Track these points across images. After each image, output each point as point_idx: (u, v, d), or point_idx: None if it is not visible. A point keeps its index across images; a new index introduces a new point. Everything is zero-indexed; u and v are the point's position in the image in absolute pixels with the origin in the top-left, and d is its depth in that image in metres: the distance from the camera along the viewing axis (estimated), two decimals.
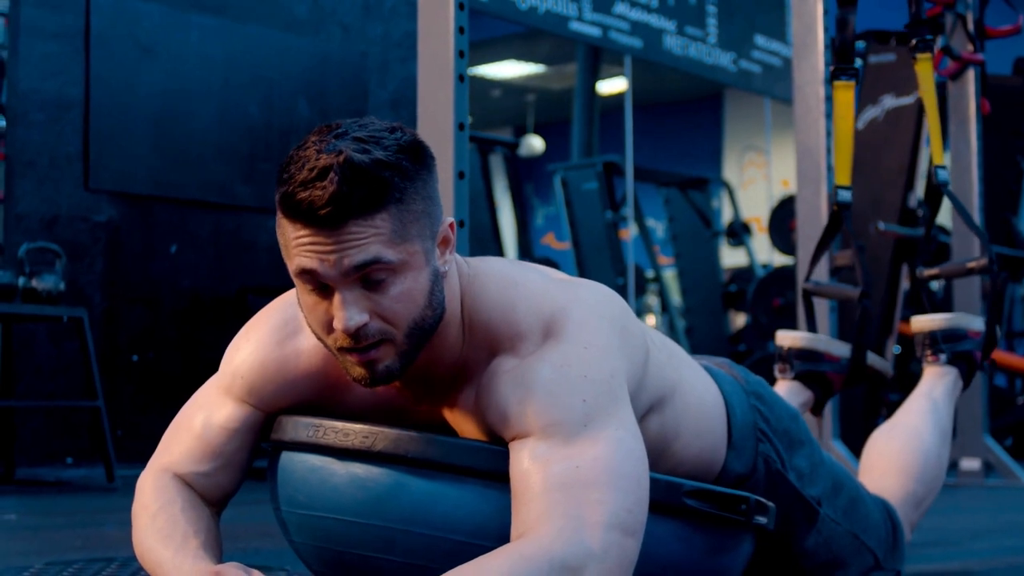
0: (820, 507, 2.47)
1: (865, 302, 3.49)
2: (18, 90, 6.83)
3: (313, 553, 2.13)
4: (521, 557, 1.72)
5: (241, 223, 7.87)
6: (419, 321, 1.86)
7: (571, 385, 1.86)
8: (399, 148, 1.81)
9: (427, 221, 1.85)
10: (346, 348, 1.86)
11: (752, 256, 11.18)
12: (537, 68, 15.88)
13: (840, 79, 3.72)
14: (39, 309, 6.13)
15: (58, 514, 4.85)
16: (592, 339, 1.91)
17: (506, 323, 1.93)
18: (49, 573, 2.73)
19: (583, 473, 1.79)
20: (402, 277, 1.82)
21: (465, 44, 3.96)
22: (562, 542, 1.74)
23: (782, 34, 9.76)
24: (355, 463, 1.99)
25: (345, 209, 1.76)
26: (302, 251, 1.80)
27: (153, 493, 2.09)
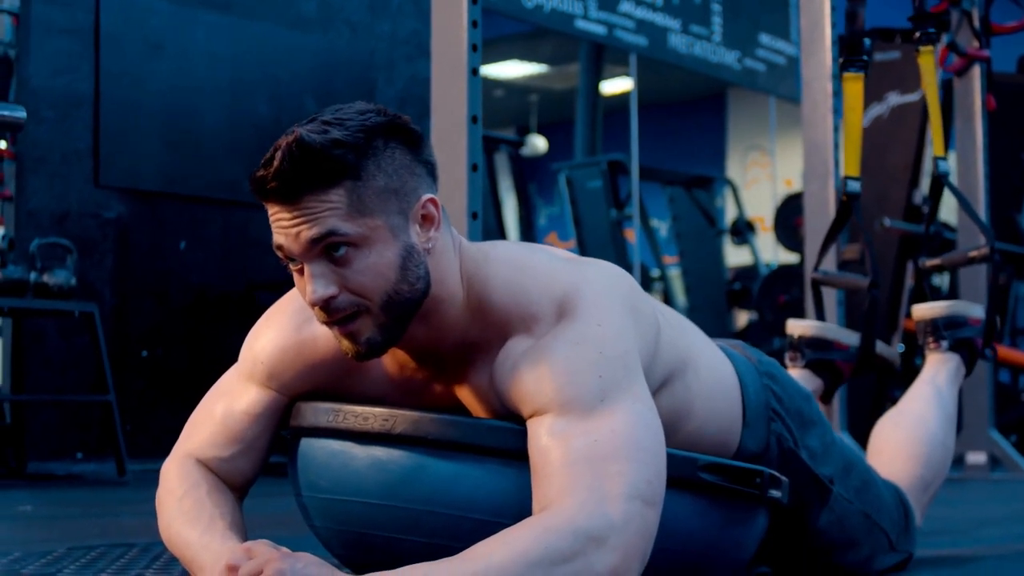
0: (832, 486, 2.50)
1: (874, 291, 3.51)
2: (29, 87, 6.87)
3: (335, 537, 2.16)
4: (545, 529, 1.76)
5: (249, 220, 7.90)
6: (393, 295, 1.90)
7: (587, 362, 1.89)
8: (361, 128, 1.88)
9: (393, 198, 1.90)
10: (326, 322, 1.93)
11: (756, 254, 11.20)
12: (540, 68, 15.89)
13: (849, 71, 3.75)
14: (50, 304, 6.16)
15: (73, 505, 4.88)
16: (604, 317, 1.94)
17: (518, 305, 1.97)
18: (72, 558, 2.77)
19: (602, 446, 1.83)
20: (366, 251, 1.88)
21: (478, 38, 4.00)
22: (584, 513, 1.77)
23: (787, 33, 9.79)
24: (375, 446, 2.02)
25: (293, 184, 1.85)
26: (274, 228, 1.90)
27: (178, 478, 2.14)
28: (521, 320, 1.96)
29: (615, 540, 1.77)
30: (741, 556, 2.23)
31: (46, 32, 7.09)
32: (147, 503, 4.87)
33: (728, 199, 12.93)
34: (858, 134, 3.73)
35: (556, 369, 1.90)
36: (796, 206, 9.33)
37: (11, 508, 4.68)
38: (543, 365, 1.91)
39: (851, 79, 3.75)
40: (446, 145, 3.92)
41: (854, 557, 2.60)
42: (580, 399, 1.87)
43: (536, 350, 1.93)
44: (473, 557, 1.75)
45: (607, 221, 10.32)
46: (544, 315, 1.95)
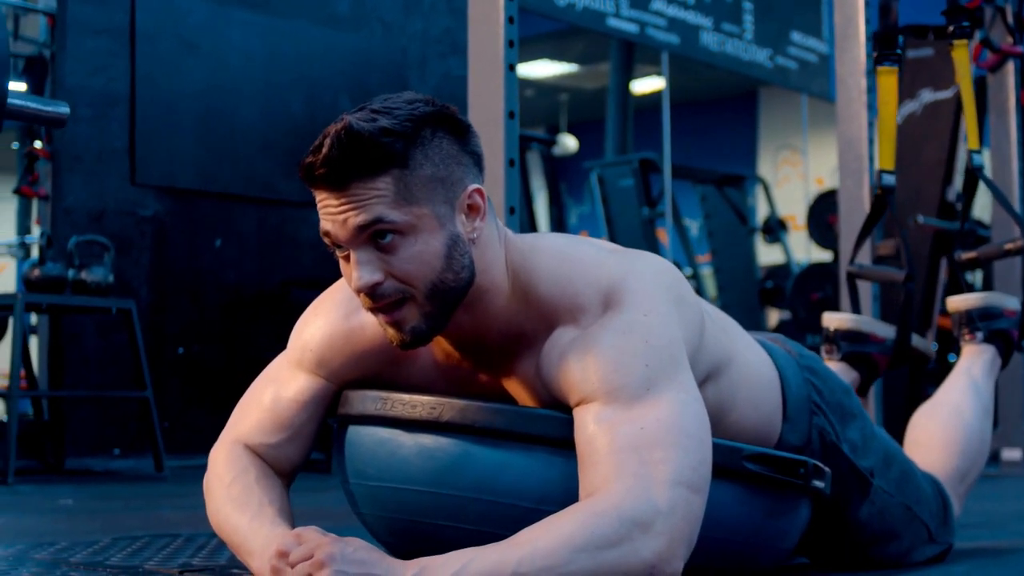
0: (873, 478, 2.51)
1: (909, 284, 3.51)
2: (65, 86, 6.91)
3: (382, 524, 2.18)
4: (591, 514, 1.78)
5: (284, 218, 7.94)
6: (438, 283, 1.93)
7: (633, 351, 1.91)
8: (409, 117, 1.90)
9: (440, 187, 1.92)
10: (372, 309, 1.96)
11: (788, 252, 11.18)
12: (570, 68, 15.90)
13: (884, 65, 3.75)
14: (88, 301, 6.20)
15: (114, 499, 4.92)
16: (651, 307, 1.96)
17: (564, 296, 1.99)
18: (118, 547, 2.80)
19: (648, 434, 1.85)
20: (412, 239, 1.91)
21: (515, 34, 4.02)
22: (631, 499, 1.79)
23: (818, 31, 9.77)
24: (423, 434, 2.04)
25: (341, 171, 1.87)
26: (321, 214, 1.92)
27: (227, 464, 2.16)
28: (567, 310, 1.98)
29: (660, 526, 1.79)
30: (784, 546, 2.25)
31: (82, 32, 7.13)
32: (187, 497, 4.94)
33: (760, 197, 12.92)
34: (893, 128, 3.73)
35: (603, 358, 1.92)
36: (829, 203, 9.32)
37: (53, 502, 4.72)
38: (590, 354, 1.93)
39: (885, 73, 3.75)
40: (483, 141, 3.92)
41: (894, 549, 2.60)
42: (626, 388, 1.89)
43: (583, 340, 1.95)
44: (520, 542, 1.77)
45: (639, 219, 10.31)
46: (590, 305, 1.97)
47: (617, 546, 1.77)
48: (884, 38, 3.76)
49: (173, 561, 2.54)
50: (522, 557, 1.74)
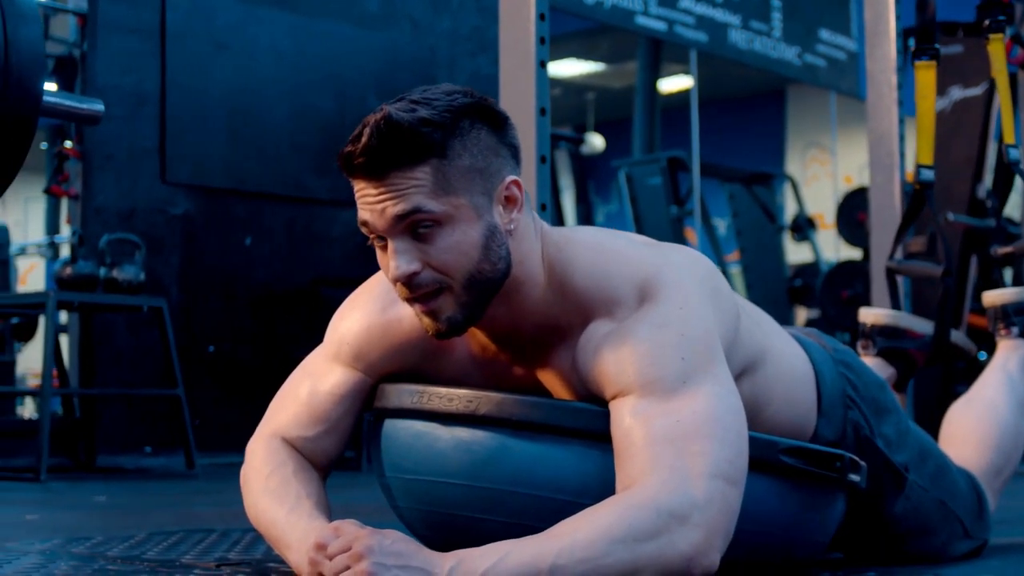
0: (908, 473, 2.50)
1: (948, 279, 3.50)
2: (96, 85, 6.94)
3: (419, 517, 2.18)
4: (628, 507, 1.79)
5: (314, 216, 7.95)
6: (475, 274, 1.94)
7: (669, 343, 1.92)
8: (448, 108, 1.91)
9: (478, 178, 1.93)
10: (408, 299, 1.96)
11: (817, 250, 11.16)
12: (597, 66, 15.89)
13: (921, 59, 3.74)
14: (119, 299, 6.23)
15: (147, 495, 4.94)
16: (686, 300, 1.96)
17: (600, 289, 1.99)
18: (153, 542, 2.81)
19: (684, 426, 1.86)
20: (449, 229, 1.91)
21: (546, 31, 4.01)
22: (667, 491, 1.80)
23: (847, 28, 9.76)
24: (459, 427, 2.05)
25: (380, 161, 1.88)
26: (359, 204, 1.93)
27: (264, 457, 2.18)
28: (603, 304, 1.99)
29: (697, 518, 1.80)
30: (820, 540, 2.25)
31: (113, 31, 7.16)
32: (219, 494, 4.96)
33: (788, 196, 12.90)
34: (931, 123, 3.72)
35: (638, 351, 1.92)
36: (859, 201, 9.29)
37: (86, 498, 4.74)
38: (625, 347, 1.93)
39: (923, 67, 3.73)
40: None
41: (929, 544, 2.59)
42: (662, 380, 1.90)
43: (618, 333, 1.95)
44: (558, 534, 1.78)
45: (667, 218, 10.30)
46: (626, 299, 1.97)
47: (655, 538, 1.77)
48: (922, 32, 3.75)
49: (209, 555, 2.54)
50: (560, 549, 1.75)
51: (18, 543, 2.83)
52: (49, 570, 2.31)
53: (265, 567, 2.34)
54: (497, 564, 1.75)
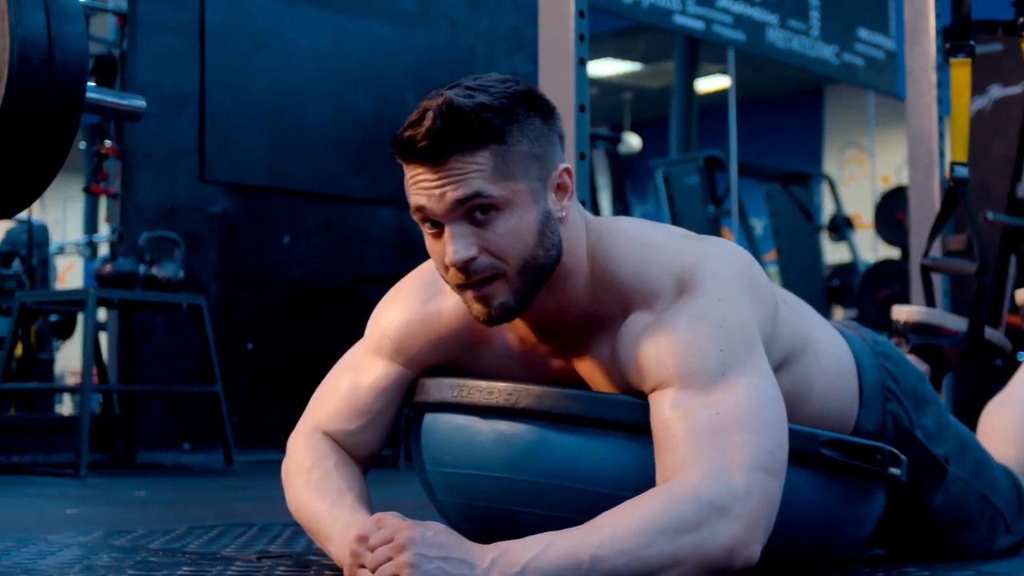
0: (948, 465, 2.49)
1: (982, 276, 3.49)
2: (136, 83, 6.97)
3: (459, 511, 2.19)
4: (669, 498, 1.79)
5: (352, 214, 7.97)
6: (530, 259, 1.94)
7: (707, 335, 1.92)
8: (505, 94, 1.92)
9: (535, 164, 1.94)
10: (461, 285, 1.96)
11: (855, 250, 11.12)
12: (634, 66, 15.88)
13: (957, 56, 3.72)
14: (158, 296, 6.25)
15: (186, 491, 4.96)
16: (724, 292, 1.97)
17: (639, 280, 2.01)
18: (194, 535, 2.82)
19: (724, 418, 1.86)
20: (507, 214, 1.92)
21: (585, 28, 4.01)
22: (708, 483, 1.80)
23: (885, 27, 9.73)
24: (500, 420, 2.06)
25: (442, 144, 1.88)
26: (414, 189, 1.93)
27: (306, 450, 2.19)
28: (642, 295, 2.00)
29: (738, 509, 1.80)
30: (860, 534, 2.24)
31: (153, 30, 7.19)
32: (258, 490, 4.98)
33: (825, 195, 12.86)
34: (965, 120, 3.71)
35: (678, 343, 1.93)
36: (898, 200, 9.26)
37: (126, 494, 4.76)
38: (664, 339, 1.94)
39: (958, 65, 3.73)
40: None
41: (970, 537, 2.58)
42: (702, 372, 1.90)
43: (657, 325, 1.96)
44: (599, 526, 1.78)
45: (704, 217, 10.28)
46: (665, 291, 1.98)
47: (696, 530, 1.78)
48: (957, 30, 3.74)
49: (250, 548, 2.55)
50: (601, 540, 1.76)
51: (60, 535, 2.84)
52: (91, 561, 2.33)
53: (306, 560, 2.34)
54: (538, 556, 1.75)
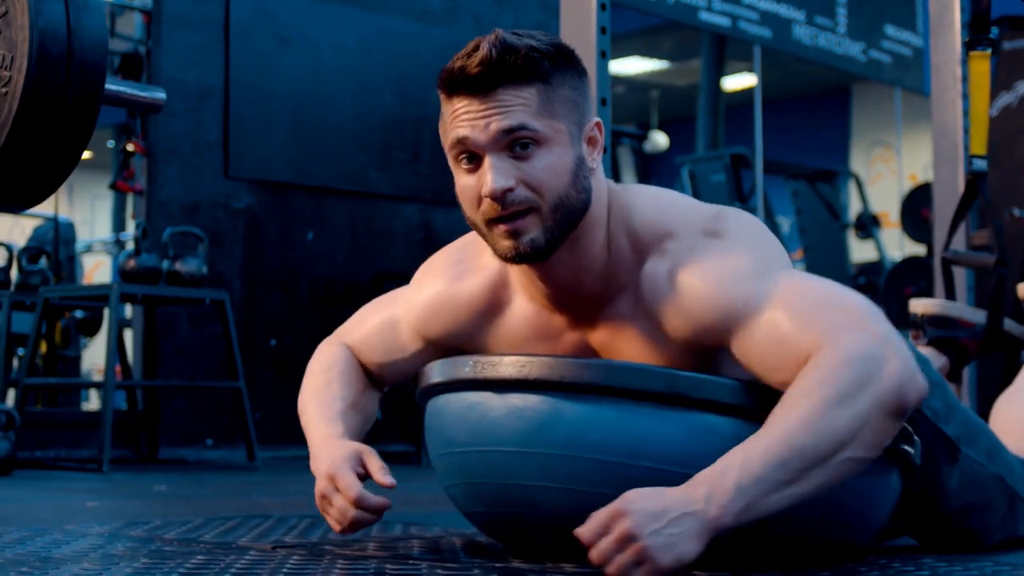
0: (960, 445, 2.48)
1: (1001, 269, 3.49)
2: (161, 80, 6.98)
3: (471, 492, 2.18)
4: (825, 372, 1.87)
5: (376, 210, 7.97)
6: (564, 198, 2.00)
7: (748, 255, 2.02)
8: (551, 44, 2.01)
9: (575, 109, 2.03)
10: (494, 218, 2.01)
11: (881, 248, 11.09)
12: (661, 64, 15.87)
13: (976, 49, 3.72)
14: (182, 292, 6.27)
15: (207, 485, 4.97)
16: (750, 231, 2.06)
17: (657, 226, 2.07)
18: (211, 526, 2.83)
19: (815, 292, 1.98)
20: (547, 150, 1.99)
21: (607, 21, 4.01)
22: (849, 343, 1.89)
23: (913, 24, 9.69)
24: (512, 394, 2.06)
25: (495, 73, 1.97)
26: (456, 122, 2.01)
27: (323, 357, 2.41)
28: (658, 239, 2.07)
29: (888, 351, 1.89)
30: (876, 514, 2.20)
31: (177, 27, 7.21)
32: (279, 484, 4.98)
33: (852, 193, 12.82)
34: (985, 114, 3.70)
35: (727, 273, 2.00)
36: (924, 197, 9.23)
37: (146, 488, 4.78)
38: (710, 282, 2.00)
39: (977, 58, 3.72)
40: None
41: (988, 521, 2.55)
42: (766, 276, 2.00)
43: (692, 264, 2.02)
44: (779, 425, 1.85)
45: None
46: (688, 233, 2.06)
47: (865, 387, 1.85)
48: (976, 23, 3.73)
49: (265, 538, 2.55)
50: (789, 435, 1.83)
51: (77, 526, 2.85)
52: (107, 550, 2.33)
53: (321, 549, 2.34)
54: (743, 472, 1.80)
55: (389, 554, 2.24)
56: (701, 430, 1.99)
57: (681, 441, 1.98)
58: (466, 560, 2.15)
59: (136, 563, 2.12)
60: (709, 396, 2.00)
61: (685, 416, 1.99)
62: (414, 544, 2.43)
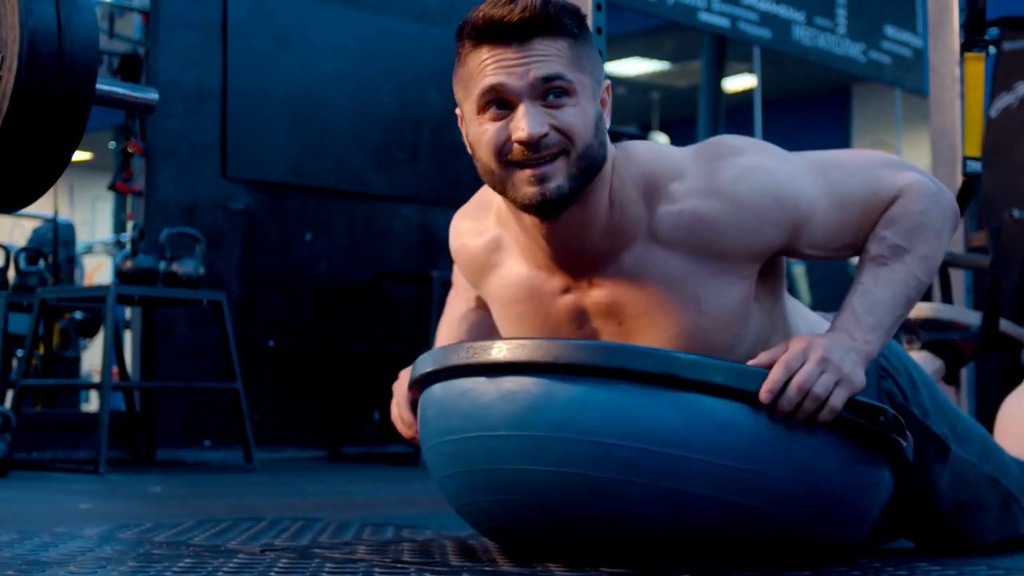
0: (950, 443, 2.47)
1: (995, 270, 3.50)
2: (158, 80, 6.97)
3: (464, 481, 2.17)
4: (908, 208, 2.18)
5: (375, 211, 7.95)
6: (591, 145, 2.08)
7: (766, 154, 2.16)
8: (576, 9, 2.11)
9: (596, 67, 2.13)
10: (521, 162, 2.07)
11: None
12: (662, 65, 15.84)
13: (972, 51, 3.73)
14: (179, 292, 6.25)
15: (202, 487, 4.96)
16: (742, 141, 2.18)
17: (663, 171, 2.15)
18: (201, 528, 2.82)
19: (839, 160, 2.22)
20: (575, 100, 2.07)
21: (603, 22, 3.99)
22: (909, 183, 2.19)
23: (913, 24, 9.69)
24: (505, 377, 2.06)
25: (534, 22, 2.05)
26: (489, 70, 2.06)
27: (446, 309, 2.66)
28: (665, 181, 2.15)
29: (929, 179, 2.22)
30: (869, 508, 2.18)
31: (175, 27, 7.19)
32: (275, 486, 4.97)
33: None
34: (979, 115, 3.71)
35: (767, 187, 2.12)
36: None
37: (142, 489, 4.77)
38: (742, 199, 2.11)
39: (973, 59, 3.73)
40: None
41: (983, 520, 2.55)
42: (802, 180, 2.16)
43: (724, 190, 2.11)
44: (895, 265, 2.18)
45: None
46: (688, 168, 2.14)
47: (945, 215, 2.22)
48: (972, 25, 3.74)
49: (255, 541, 2.54)
50: (905, 274, 2.17)
51: (67, 528, 2.84)
52: (95, 553, 2.32)
53: (310, 552, 2.33)
54: (877, 313, 2.14)
55: (378, 558, 2.24)
56: (694, 412, 1.99)
57: (673, 423, 1.98)
58: (455, 564, 2.14)
59: (123, 567, 2.11)
60: (704, 378, 2.00)
61: (678, 397, 1.99)
62: (404, 547, 2.42)
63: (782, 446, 2.00)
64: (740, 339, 2.18)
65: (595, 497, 1.99)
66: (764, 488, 2.01)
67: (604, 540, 2.07)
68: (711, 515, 2.00)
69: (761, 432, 2.00)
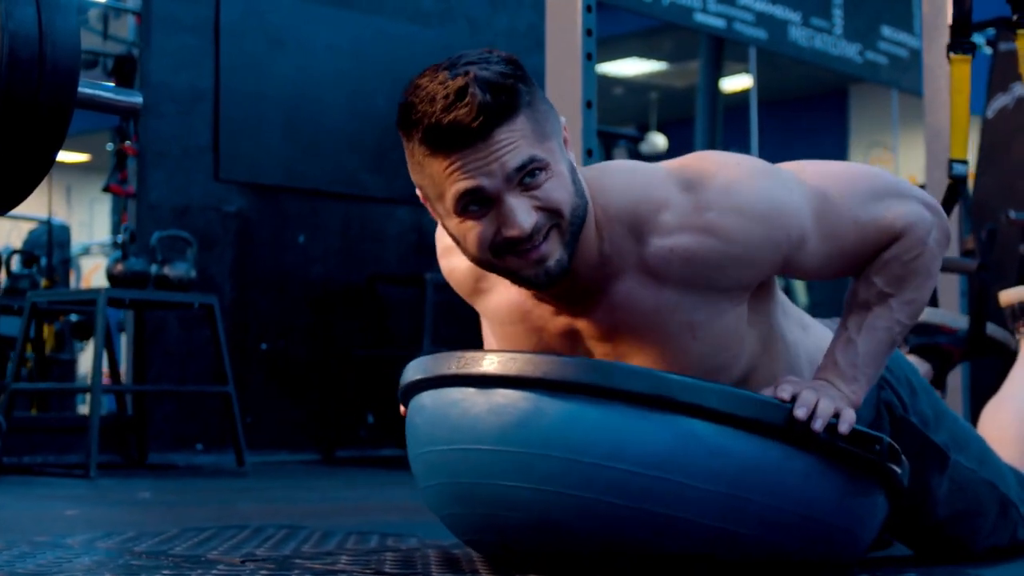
0: (949, 452, 2.44)
1: (983, 274, 3.49)
2: (150, 82, 6.95)
3: (446, 492, 2.14)
4: (901, 255, 2.15)
5: (369, 213, 7.93)
6: (575, 208, 1.98)
7: (750, 173, 2.08)
8: (506, 62, 1.95)
9: (553, 120, 2.00)
10: (518, 249, 1.96)
11: None
12: (659, 66, 15.82)
13: (957, 53, 3.73)
14: (171, 296, 6.23)
15: (191, 492, 4.93)
16: (740, 160, 2.09)
17: (646, 200, 2.04)
18: (184, 537, 2.80)
19: (834, 173, 2.16)
20: (550, 171, 1.96)
21: (593, 23, 3.97)
22: (907, 224, 2.15)
23: (909, 25, 9.65)
24: (495, 390, 2.02)
25: (491, 118, 1.89)
26: (458, 176, 1.92)
27: None
28: (651, 212, 2.04)
29: (926, 207, 2.18)
30: (862, 534, 2.16)
31: (168, 28, 7.16)
32: (265, 491, 4.94)
33: None
34: (965, 117, 3.72)
35: (748, 213, 2.03)
36: None
37: (130, 495, 4.74)
38: (741, 219, 2.02)
39: (959, 61, 3.74)
40: None
41: (981, 526, 2.53)
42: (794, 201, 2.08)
43: (713, 225, 2.02)
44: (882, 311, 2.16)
45: None
46: (671, 197, 2.04)
47: (934, 256, 2.19)
48: (958, 26, 3.75)
49: (237, 551, 2.52)
50: (890, 319, 2.16)
51: (48, 537, 2.81)
52: (72, 564, 2.29)
53: (290, 563, 2.31)
54: (864, 363, 2.15)
55: (360, 568, 2.21)
56: (684, 435, 1.95)
57: (662, 445, 1.94)
58: (437, 575, 2.12)
59: None
60: (696, 401, 1.96)
61: (669, 420, 1.95)
62: (387, 557, 2.39)
63: (773, 474, 1.97)
64: (736, 359, 2.12)
65: (578, 518, 1.96)
66: (753, 515, 1.97)
67: (587, 557, 2.04)
68: (698, 540, 1.97)
69: (752, 459, 1.97)
